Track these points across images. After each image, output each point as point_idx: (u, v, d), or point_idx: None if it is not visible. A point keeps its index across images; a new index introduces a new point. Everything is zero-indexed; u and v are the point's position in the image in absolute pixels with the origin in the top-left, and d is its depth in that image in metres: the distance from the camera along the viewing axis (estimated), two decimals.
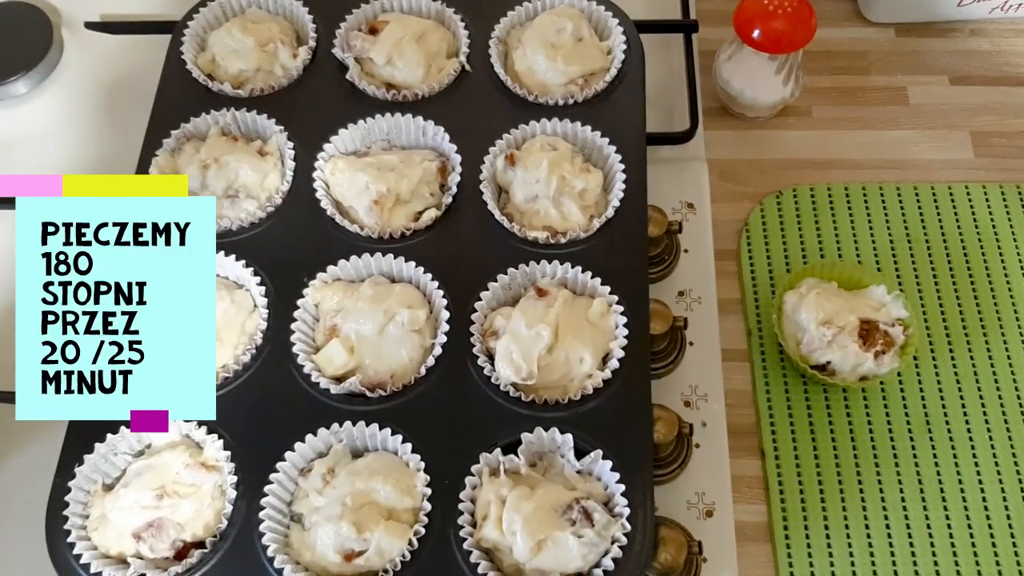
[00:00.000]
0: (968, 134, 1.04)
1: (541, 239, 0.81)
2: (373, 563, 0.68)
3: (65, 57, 1.07)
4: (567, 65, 0.89)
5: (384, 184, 0.82)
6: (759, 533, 0.83)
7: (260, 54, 0.91)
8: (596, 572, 0.67)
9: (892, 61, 1.09)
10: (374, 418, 0.73)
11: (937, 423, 0.87)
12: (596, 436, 0.72)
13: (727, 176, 1.00)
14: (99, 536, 0.70)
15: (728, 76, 1.01)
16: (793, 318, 0.87)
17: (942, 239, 0.97)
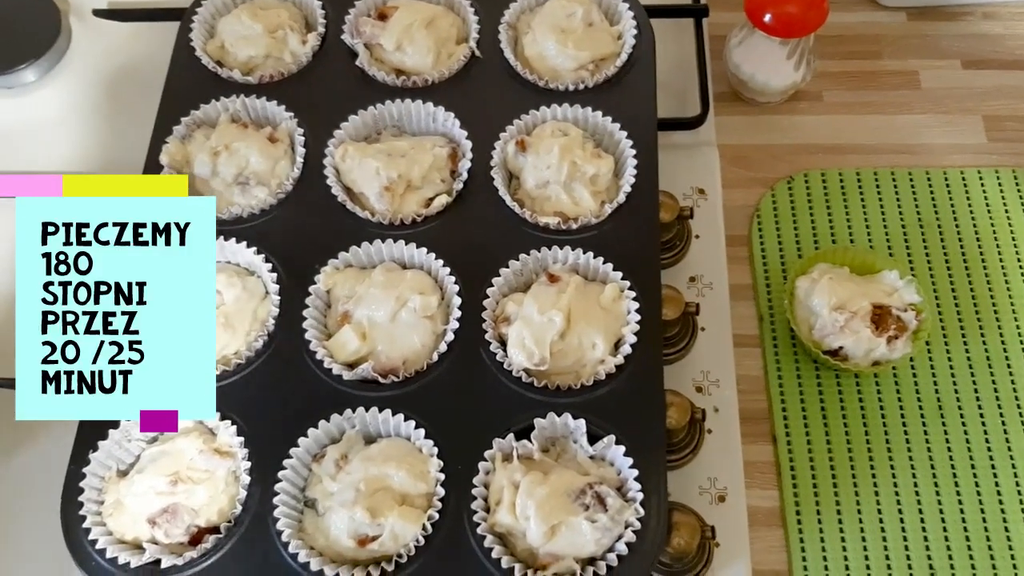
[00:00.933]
0: (981, 118, 1.04)
1: (552, 225, 0.80)
2: (387, 548, 0.68)
3: (73, 45, 1.07)
4: (578, 50, 0.89)
5: (395, 170, 0.82)
6: (771, 518, 0.83)
7: (269, 40, 0.91)
8: (610, 557, 0.68)
9: (904, 45, 1.09)
10: (387, 404, 0.73)
11: (949, 408, 0.87)
12: (609, 421, 0.72)
13: (738, 161, 1.00)
14: (114, 522, 0.70)
15: (739, 61, 1.00)
16: (805, 303, 0.86)
17: (954, 224, 0.96)
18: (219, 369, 0.75)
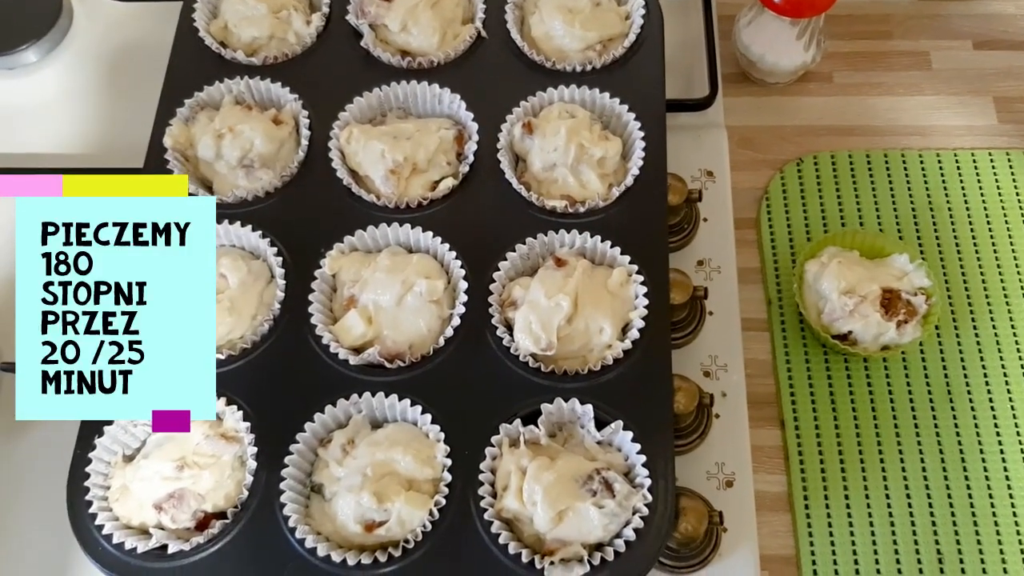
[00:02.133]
0: (992, 99, 1.02)
1: (559, 208, 0.80)
2: (394, 533, 0.68)
3: (75, 25, 1.06)
4: (585, 30, 0.87)
5: (400, 153, 0.81)
6: (779, 503, 0.83)
7: (273, 21, 0.90)
8: (617, 542, 0.67)
9: (915, 25, 1.07)
10: (393, 389, 0.73)
11: (958, 393, 0.86)
12: (616, 407, 0.72)
13: (747, 143, 0.99)
14: (120, 507, 0.70)
15: (748, 41, 0.99)
16: (814, 287, 0.86)
17: (965, 206, 0.95)
18: (224, 353, 0.75)
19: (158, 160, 0.83)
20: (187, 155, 0.85)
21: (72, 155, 0.98)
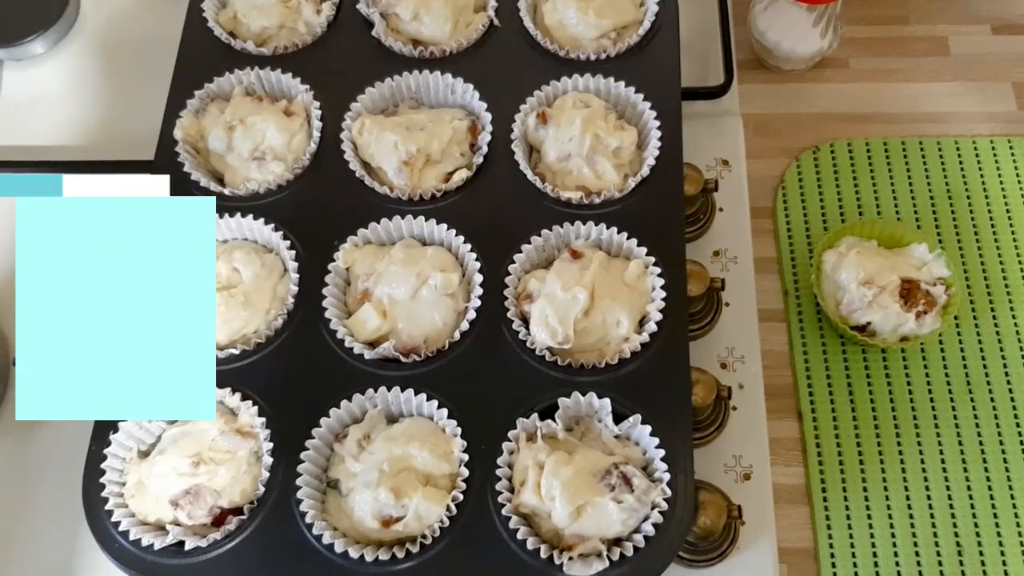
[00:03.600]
0: (1011, 85, 1.01)
1: (575, 199, 0.79)
2: (412, 529, 0.67)
3: (83, 16, 1.05)
4: (599, 18, 0.86)
5: (414, 144, 0.80)
6: (797, 495, 0.82)
7: (283, 10, 0.89)
8: (636, 537, 0.67)
9: (933, 10, 1.06)
10: (409, 383, 0.72)
11: (978, 383, 0.86)
12: (634, 400, 0.71)
13: (762, 131, 0.98)
14: (136, 503, 0.70)
15: (764, 27, 0.97)
16: (832, 278, 0.85)
17: (984, 195, 0.94)
18: (239, 348, 0.74)
19: (169, 153, 0.82)
20: (198, 147, 0.84)
21: (80, 147, 0.97)
